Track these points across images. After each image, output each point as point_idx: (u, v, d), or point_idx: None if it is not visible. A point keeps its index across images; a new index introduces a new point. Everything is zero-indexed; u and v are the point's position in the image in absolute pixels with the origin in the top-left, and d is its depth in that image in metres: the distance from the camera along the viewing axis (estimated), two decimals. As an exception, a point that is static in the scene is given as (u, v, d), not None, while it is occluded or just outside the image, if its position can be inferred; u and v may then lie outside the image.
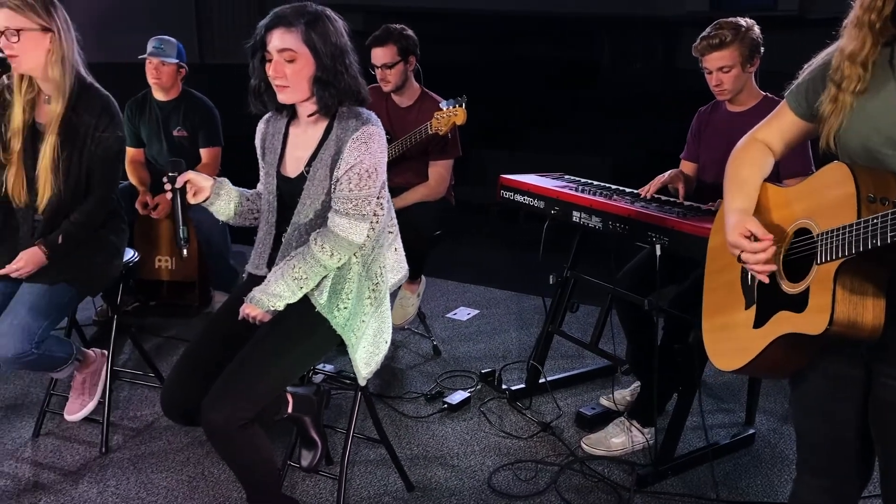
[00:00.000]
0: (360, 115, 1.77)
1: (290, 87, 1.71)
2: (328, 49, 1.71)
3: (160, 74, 3.32)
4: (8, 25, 2.01)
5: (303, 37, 1.69)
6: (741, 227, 1.35)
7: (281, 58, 1.69)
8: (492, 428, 2.56)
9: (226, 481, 2.21)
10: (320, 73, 1.71)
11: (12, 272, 2.09)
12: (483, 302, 3.78)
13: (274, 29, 1.69)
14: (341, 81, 1.73)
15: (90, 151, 2.16)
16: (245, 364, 1.68)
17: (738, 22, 2.24)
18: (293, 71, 1.70)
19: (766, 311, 1.37)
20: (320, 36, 1.70)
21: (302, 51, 1.69)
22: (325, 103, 1.74)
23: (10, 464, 2.29)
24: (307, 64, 1.70)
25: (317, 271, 1.76)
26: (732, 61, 2.24)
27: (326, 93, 1.73)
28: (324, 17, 1.74)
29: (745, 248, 1.33)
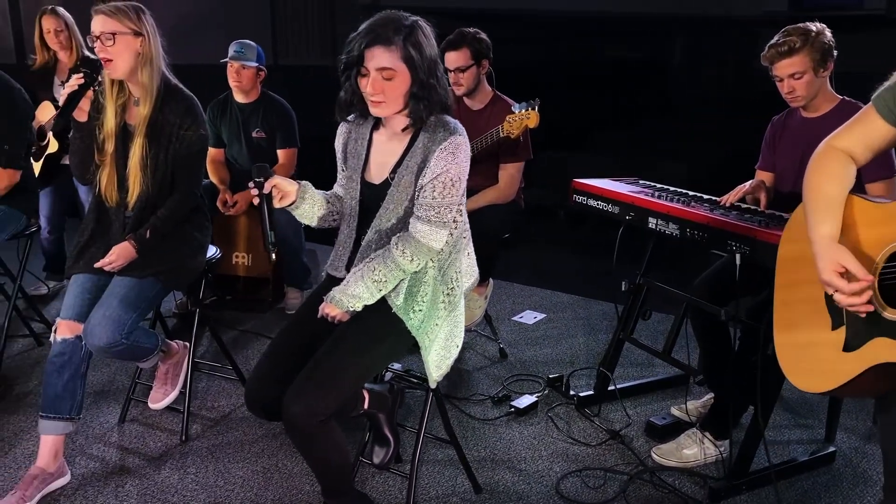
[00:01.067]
0: (447, 125, 1.79)
1: (386, 102, 1.73)
2: (424, 63, 1.72)
3: (240, 77, 3.43)
4: (103, 30, 2.12)
5: (401, 54, 1.69)
6: (834, 264, 1.28)
7: (379, 75, 1.70)
8: (559, 433, 2.54)
9: (299, 474, 2.27)
10: (416, 89, 1.73)
11: (105, 266, 2.20)
12: (549, 306, 3.76)
13: (373, 46, 1.69)
14: (434, 94, 1.75)
15: (175, 150, 2.25)
16: (325, 361, 1.73)
17: (806, 27, 2.17)
18: (390, 87, 1.72)
19: (858, 336, 1.30)
20: (417, 50, 1.71)
21: (400, 68, 1.70)
22: (418, 116, 1.76)
23: (98, 447, 2.42)
24: (404, 80, 1.72)
25: (396, 275, 1.79)
26: (804, 67, 2.17)
27: (420, 106, 1.75)
28: (418, 29, 1.74)
29: (841, 289, 1.27)
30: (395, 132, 1.86)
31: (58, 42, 3.51)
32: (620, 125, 5.09)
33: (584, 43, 5.19)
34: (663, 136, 4.84)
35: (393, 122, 1.85)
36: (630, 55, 5.15)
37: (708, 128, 4.57)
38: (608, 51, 5.28)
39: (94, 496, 2.15)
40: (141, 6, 2.21)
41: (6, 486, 2.18)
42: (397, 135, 1.86)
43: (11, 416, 2.57)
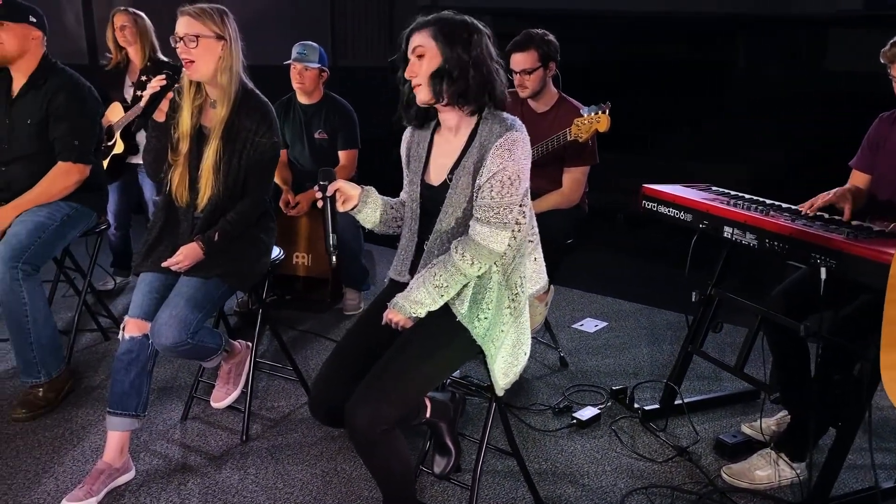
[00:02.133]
0: (504, 121, 1.74)
1: (421, 84, 1.73)
2: (456, 44, 1.70)
3: (303, 78, 3.45)
4: (188, 32, 2.14)
5: (431, 33, 1.72)
6: None
7: (413, 57, 1.73)
8: (623, 448, 2.46)
9: (358, 479, 2.25)
10: (443, 65, 1.71)
11: (172, 265, 2.23)
12: (611, 314, 3.66)
13: (411, 35, 1.75)
14: (464, 77, 1.70)
15: (248, 155, 2.26)
16: (388, 369, 1.69)
17: None
18: (420, 65, 1.72)
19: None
20: (449, 30, 1.72)
21: (429, 45, 1.72)
22: (438, 96, 1.73)
23: (161, 444, 2.45)
24: (433, 57, 1.72)
25: (457, 280, 1.75)
26: None
27: (444, 86, 1.71)
28: (455, 19, 1.75)
29: None
30: (451, 130, 1.83)
31: (123, 38, 3.59)
32: (680, 128, 4.95)
33: (642, 43, 5.06)
34: (725, 139, 4.68)
35: (445, 119, 1.82)
36: (692, 56, 5.00)
37: (773, 131, 4.40)
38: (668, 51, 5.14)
39: (158, 493, 2.17)
40: (225, 10, 2.23)
41: (75, 479, 2.22)
42: (455, 134, 1.83)
43: (80, 410, 2.63)
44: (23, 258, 2.46)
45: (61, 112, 2.62)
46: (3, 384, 2.82)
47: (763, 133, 4.45)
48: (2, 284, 2.43)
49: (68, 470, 2.27)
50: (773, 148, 4.38)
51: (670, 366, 3.03)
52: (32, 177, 2.64)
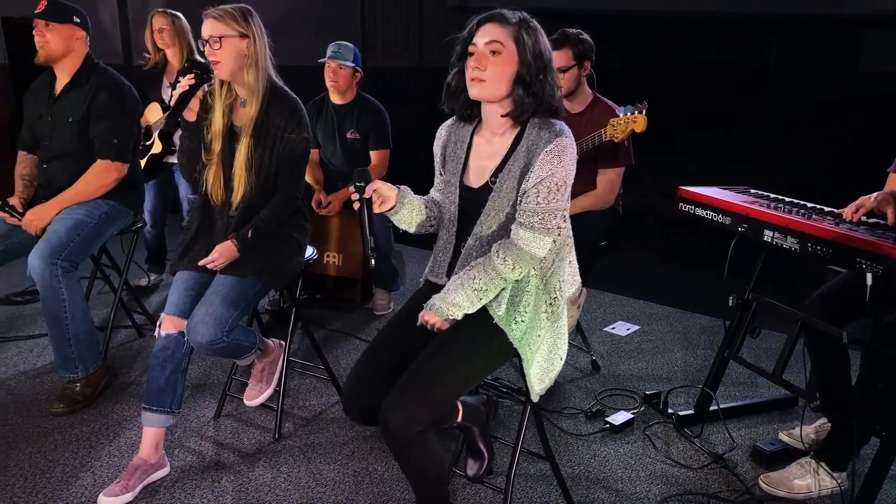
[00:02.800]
0: (552, 127, 1.72)
1: (486, 81, 1.68)
2: (535, 52, 1.68)
3: (337, 77, 3.46)
4: (212, 34, 2.16)
5: (513, 33, 1.67)
6: None
7: (486, 49, 1.67)
8: (657, 454, 2.42)
9: (389, 479, 2.25)
10: (523, 72, 1.68)
11: (208, 264, 2.25)
12: (643, 317, 3.62)
13: (487, 23, 1.69)
14: (541, 88, 1.69)
15: (279, 152, 2.27)
16: (424, 370, 1.68)
17: None
18: (494, 63, 1.67)
19: None
20: (530, 37, 1.69)
21: (509, 45, 1.67)
22: (521, 106, 1.70)
23: (195, 441, 2.47)
24: (511, 60, 1.67)
25: (497, 283, 1.73)
26: None
27: (524, 94, 1.69)
28: (535, 25, 1.72)
29: None
30: (495, 133, 1.80)
31: (161, 40, 3.64)
32: (712, 129, 4.88)
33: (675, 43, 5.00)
34: (759, 141, 4.60)
35: (492, 121, 1.78)
36: (724, 56, 4.93)
37: (808, 133, 4.32)
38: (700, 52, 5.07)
39: (192, 489, 2.19)
40: (249, 9, 2.24)
41: (111, 473, 2.25)
42: (498, 137, 1.80)
43: (115, 405, 2.67)
44: (62, 255, 2.50)
45: (102, 111, 2.66)
46: (42, 378, 2.87)
47: (798, 135, 4.36)
48: (42, 281, 2.47)
49: (105, 465, 2.31)
50: (808, 150, 4.29)
51: (704, 371, 2.99)
52: (73, 175, 2.69)
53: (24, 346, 3.15)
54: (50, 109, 2.71)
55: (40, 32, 2.61)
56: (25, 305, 3.62)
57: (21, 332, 3.31)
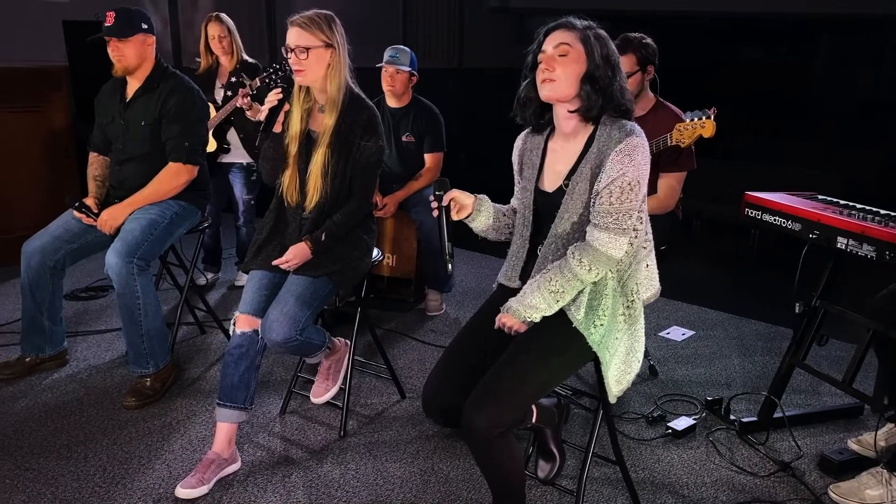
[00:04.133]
0: (623, 127, 1.74)
1: (556, 81, 1.72)
2: (602, 52, 1.72)
3: (394, 81, 3.50)
4: (298, 43, 2.19)
5: (580, 36, 1.73)
6: None
7: (555, 52, 1.72)
8: (721, 460, 2.41)
9: (455, 479, 2.28)
10: (592, 71, 1.72)
11: (282, 264, 2.30)
12: (698, 323, 3.60)
13: (554, 31, 1.75)
14: (610, 86, 1.72)
15: (354, 159, 2.31)
16: (506, 372, 1.71)
17: None
18: (563, 64, 1.72)
19: None
20: (596, 39, 1.74)
21: (576, 46, 1.72)
22: (589, 104, 1.73)
23: (263, 437, 2.53)
24: (579, 60, 1.72)
25: (573, 285, 1.75)
26: None
27: (593, 93, 1.72)
28: (601, 32, 1.77)
29: None
30: (567, 137, 1.83)
31: (220, 47, 3.71)
32: (760, 131, 4.83)
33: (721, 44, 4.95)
34: (810, 143, 4.54)
35: (563, 122, 1.82)
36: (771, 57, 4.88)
37: (862, 134, 4.25)
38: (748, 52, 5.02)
39: (264, 484, 2.25)
40: (333, 16, 2.27)
41: (185, 466, 2.32)
42: (571, 141, 1.83)
43: (183, 400, 2.74)
44: (137, 254, 2.58)
45: (173, 114, 2.74)
46: (111, 372, 2.96)
47: (853, 138, 4.30)
48: (118, 278, 2.55)
49: (178, 458, 2.37)
50: (864, 153, 4.23)
51: (763, 377, 2.98)
52: (144, 176, 2.77)
53: (91, 341, 3.25)
54: (122, 113, 2.79)
55: (115, 48, 2.67)
56: (90, 301, 3.74)
57: (89, 327, 3.41)
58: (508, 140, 2.01)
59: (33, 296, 2.76)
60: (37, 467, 2.29)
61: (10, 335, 3.25)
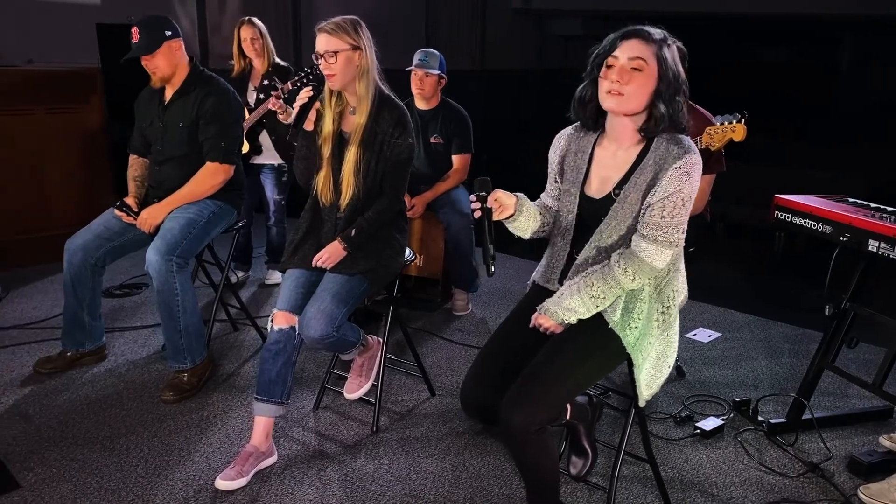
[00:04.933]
0: (681, 143, 1.75)
1: (624, 95, 1.71)
2: (674, 71, 1.72)
3: (423, 84, 3.55)
4: (327, 49, 2.26)
5: (656, 51, 1.70)
6: None
7: (629, 65, 1.70)
8: (750, 461, 2.43)
9: (486, 475, 2.32)
10: (662, 90, 1.71)
11: (318, 262, 2.36)
12: (724, 324, 3.61)
13: (631, 38, 1.72)
14: (676, 106, 1.73)
15: (385, 157, 2.37)
16: (543, 371, 1.75)
17: None
18: (636, 80, 1.70)
19: None
20: (671, 57, 1.72)
21: (652, 63, 1.70)
22: (656, 122, 1.73)
23: (298, 431, 2.59)
24: (651, 77, 1.70)
25: (614, 292, 1.78)
26: None
27: (661, 111, 1.72)
28: (675, 44, 1.76)
29: None
30: (620, 145, 1.84)
31: (253, 50, 3.78)
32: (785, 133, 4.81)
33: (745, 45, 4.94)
34: (834, 145, 4.53)
35: (621, 134, 1.82)
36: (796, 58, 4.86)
37: (889, 137, 4.23)
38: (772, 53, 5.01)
39: (301, 477, 2.30)
40: (358, 20, 2.33)
41: (223, 458, 2.38)
42: (623, 148, 1.83)
43: (220, 395, 2.81)
44: (176, 252, 2.65)
45: (210, 116, 2.81)
46: (148, 367, 3.04)
47: (877, 140, 4.28)
48: (158, 276, 2.62)
49: (216, 451, 2.44)
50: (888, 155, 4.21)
51: (791, 379, 2.99)
52: (182, 176, 2.84)
53: (128, 337, 3.34)
54: (160, 116, 2.87)
55: (147, 62, 2.73)
56: (125, 298, 3.83)
57: (124, 323, 3.50)
58: (530, 141, 2.03)
59: (75, 292, 2.84)
60: (81, 458, 2.37)
61: (50, 331, 3.35)
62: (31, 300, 3.77)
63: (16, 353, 3.14)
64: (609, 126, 1.84)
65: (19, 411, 2.65)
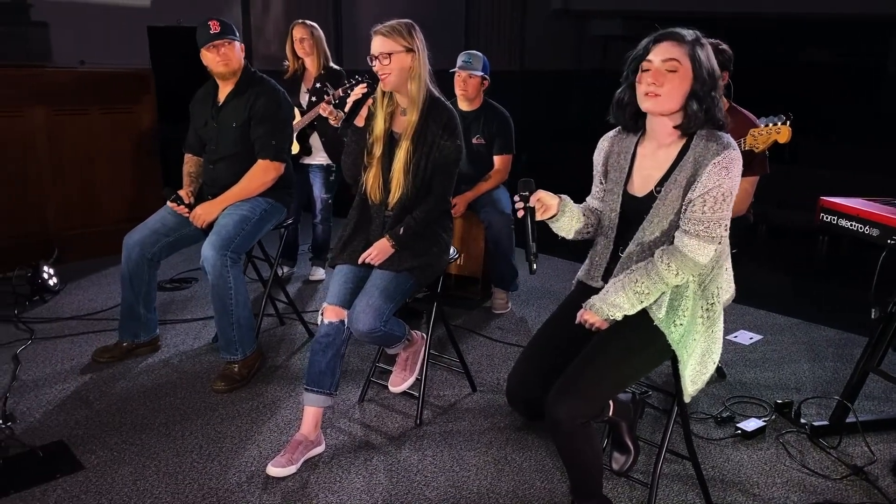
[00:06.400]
0: (720, 139, 1.79)
1: (661, 96, 1.76)
2: (708, 69, 1.76)
3: (467, 86, 3.61)
4: (381, 51, 2.33)
5: (689, 51, 1.75)
6: None
7: (663, 66, 1.75)
8: (792, 462, 2.44)
9: (528, 469, 2.37)
10: (697, 88, 1.76)
11: (366, 259, 2.43)
12: (765, 327, 3.60)
13: (663, 41, 1.78)
14: (711, 104, 1.77)
15: (434, 158, 2.43)
16: (588, 366, 1.79)
17: None
18: (671, 80, 1.75)
19: None
20: (704, 55, 1.77)
21: (685, 63, 1.75)
22: (692, 120, 1.77)
23: (344, 422, 2.67)
24: (686, 77, 1.75)
25: (658, 288, 1.82)
26: None
27: (697, 110, 1.76)
28: (707, 44, 1.80)
29: None
30: (661, 144, 1.88)
31: (302, 49, 3.88)
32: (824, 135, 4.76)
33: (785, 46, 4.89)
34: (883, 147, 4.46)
35: (660, 133, 1.86)
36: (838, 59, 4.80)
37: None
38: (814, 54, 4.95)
39: (348, 466, 2.38)
40: (413, 23, 2.40)
41: (273, 447, 2.47)
42: (664, 147, 1.88)
43: (268, 386, 2.91)
44: (231, 247, 2.75)
45: (261, 115, 2.91)
46: (199, 358, 3.15)
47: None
48: (213, 270, 2.73)
49: (266, 439, 2.53)
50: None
51: (833, 383, 2.98)
52: (235, 174, 2.95)
53: (180, 329, 3.46)
54: (215, 117, 2.98)
55: (223, 51, 2.85)
56: (175, 292, 3.96)
57: (175, 316, 3.63)
58: (569, 142, 2.08)
59: (132, 285, 2.97)
60: (140, 442, 2.48)
61: (106, 321, 3.49)
62: (86, 292, 3.93)
63: (75, 342, 3.29)
64: (649, 126, 1.89)
65: (80, 397, 2.78)
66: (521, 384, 1.90)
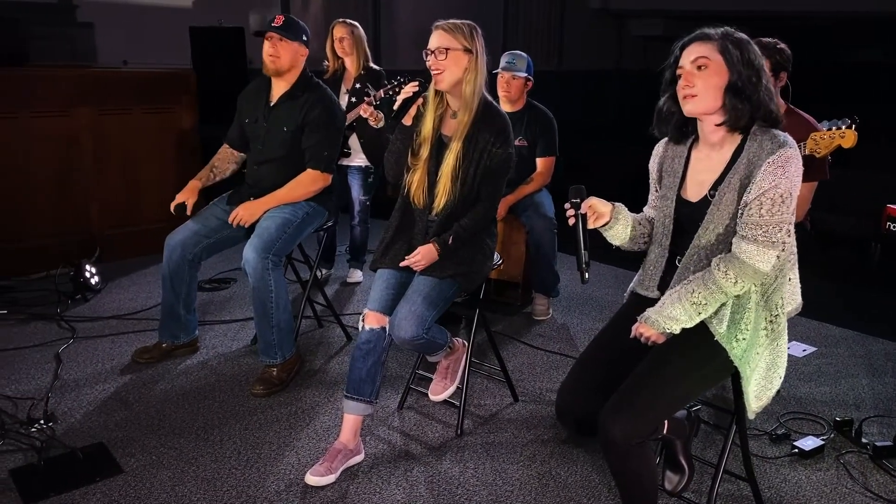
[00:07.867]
0: (775, 137, 1.70)
1: (697, 96, 1.70)
2: (743, 58, 1.68)
3: (510, 87, 3.54)
4: (439, 45, 2.27)
5: (718, 46, 1.70)
6: None
7: (693, 67, 1.70)
8: (854, 484, 2.31)
9: (573, 485, 2.29)
10: (735, 80, 1.68)
11: (409, 264, 2.37)
12: (819, 339, 3.45)
13: (690, 44, 1.73)
14: (755, 94, 1.68)
15: (484, 165, 2.35)
16: (644, 383, 1.71)
17: None
18: (703, 78, 1.69)
19: None
20: (735, 47, 1.70)
21: (715, 58, 1.69)
22: (736, 114, 1.69)
23: (383, 430, 2.61)
24: (719, 71, 1.69)
25: (717, 298, 1.73)
26: None
27: (738, 103, 1.68)
28: (740, 36, 1.73)
29: None
30: (713, 147, 1.79)
31: (341, 48, 3.84)
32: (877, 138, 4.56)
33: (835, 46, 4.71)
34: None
35: (709, 134, 1.78)
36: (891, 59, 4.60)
37: None
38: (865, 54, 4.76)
39: (388, 476, 2.32)
40: (475, 25, 2.33)
41: (312, 454, 2.43)
42: (717, 150, 1.79)
43: (306, 391, 2.87)
44: (272, 250, 2.72)
45: (316, 125, 2.87)
46: (238, 361, 3.13)
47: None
48: (254, 272, 2.70)
49: (305, 446, 2.49)
50: None
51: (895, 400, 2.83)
52: (278, 177, 2.91)
53: (218, 331, 3.45)
54: (266, 116, 2.94)
55: (273, 45, 2.82)
56: (213, 293, 3.96)
57: (213, 317, 3.62)
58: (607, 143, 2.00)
59: (173, 286, 2.96)
60: (178, 446, 2.46)
61: (146, 322, 3.50)
62: (127, 291, 3.95)
63: (115, 342, 3.30)
64: (700, 130, 1.82)
65: (120, 398, 2.77)
66: (572, 400, 1.82)
